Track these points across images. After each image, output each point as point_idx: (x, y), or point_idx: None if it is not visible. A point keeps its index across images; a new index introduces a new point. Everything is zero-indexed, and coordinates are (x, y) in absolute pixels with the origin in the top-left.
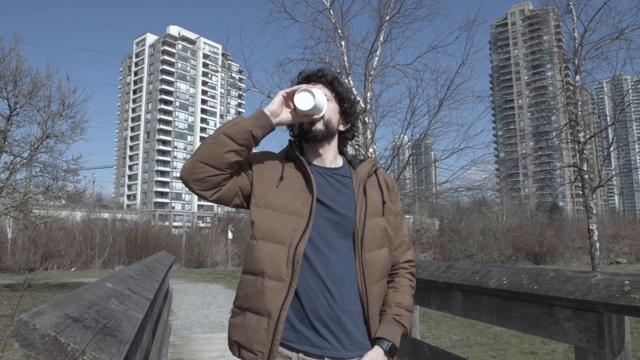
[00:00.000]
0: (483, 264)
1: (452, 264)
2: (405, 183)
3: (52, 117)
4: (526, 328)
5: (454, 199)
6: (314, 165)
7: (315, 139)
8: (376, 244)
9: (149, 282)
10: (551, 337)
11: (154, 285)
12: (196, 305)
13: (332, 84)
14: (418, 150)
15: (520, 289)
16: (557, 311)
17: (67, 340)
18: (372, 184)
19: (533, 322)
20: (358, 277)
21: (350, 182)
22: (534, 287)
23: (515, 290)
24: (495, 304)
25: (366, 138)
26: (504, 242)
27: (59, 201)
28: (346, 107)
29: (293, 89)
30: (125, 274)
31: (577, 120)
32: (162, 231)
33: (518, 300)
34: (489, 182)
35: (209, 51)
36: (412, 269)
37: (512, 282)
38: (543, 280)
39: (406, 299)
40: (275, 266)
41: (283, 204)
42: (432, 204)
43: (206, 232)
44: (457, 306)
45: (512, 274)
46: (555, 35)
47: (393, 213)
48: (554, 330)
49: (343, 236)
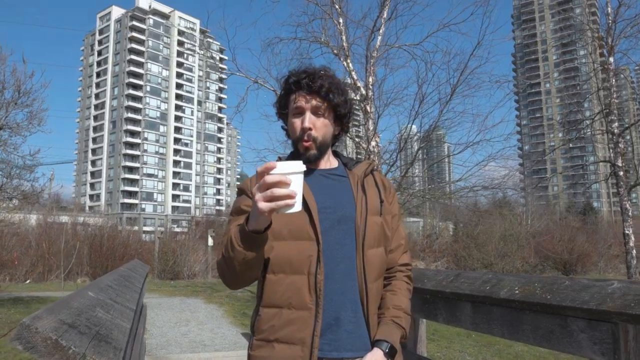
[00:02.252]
0: (495, 273)
1: (460, 272)
2: (414, 181)
3: (6, 105)
4: (539, 341)
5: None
6: (308, 169)
7: (309, 161)
8: (375, 241)
9: (128, 293)
10: (565, 350)
11: (134, 295)
12: (173, 322)
13: (328, 97)
14: (429, 144)
15: (532, 299)
16: (571, 322)
17: (68, 344)
18: (369, 183)
19: (546, 334)
20: (358, 274)
21: (347, 181)
22: (547, 297)
23: (527, 301)
24: (507, 315)
25: (367, 130)
26: (528, 249)
27: (12, 202)
28: (341, 112)
29: (272, 207)
30: (104, 283)
31: (611, 108)
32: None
33: (530, 312)
34: (510, 179)
35: (185, 27)
36: (409, 273)
37: (525, 292)
38: (557, 289)
39: (404, 301)
40: (299, 297)
41: (290, 230)
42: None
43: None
44: (466, 319)
45: (524, 282)
46: (588, 8)
47: (390, 213)
48: (568, 343)
49: (345, 234)
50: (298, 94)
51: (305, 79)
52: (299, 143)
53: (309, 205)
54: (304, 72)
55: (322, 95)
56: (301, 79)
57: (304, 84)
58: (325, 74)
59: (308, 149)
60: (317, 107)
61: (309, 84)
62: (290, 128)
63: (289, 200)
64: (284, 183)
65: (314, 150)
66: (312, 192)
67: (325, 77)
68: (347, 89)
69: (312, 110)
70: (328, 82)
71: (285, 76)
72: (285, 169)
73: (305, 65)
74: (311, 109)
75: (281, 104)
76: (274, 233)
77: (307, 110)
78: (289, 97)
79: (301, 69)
